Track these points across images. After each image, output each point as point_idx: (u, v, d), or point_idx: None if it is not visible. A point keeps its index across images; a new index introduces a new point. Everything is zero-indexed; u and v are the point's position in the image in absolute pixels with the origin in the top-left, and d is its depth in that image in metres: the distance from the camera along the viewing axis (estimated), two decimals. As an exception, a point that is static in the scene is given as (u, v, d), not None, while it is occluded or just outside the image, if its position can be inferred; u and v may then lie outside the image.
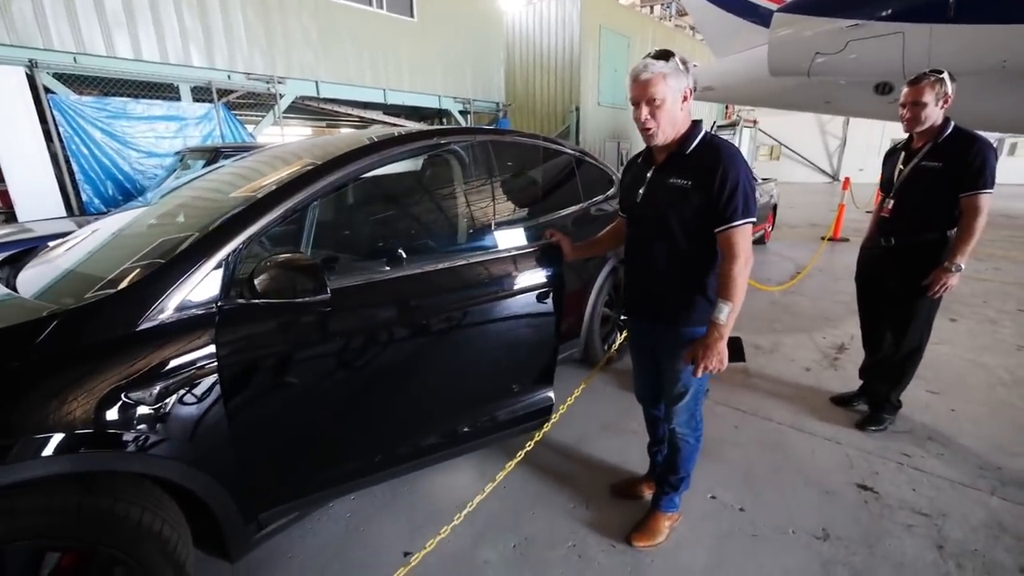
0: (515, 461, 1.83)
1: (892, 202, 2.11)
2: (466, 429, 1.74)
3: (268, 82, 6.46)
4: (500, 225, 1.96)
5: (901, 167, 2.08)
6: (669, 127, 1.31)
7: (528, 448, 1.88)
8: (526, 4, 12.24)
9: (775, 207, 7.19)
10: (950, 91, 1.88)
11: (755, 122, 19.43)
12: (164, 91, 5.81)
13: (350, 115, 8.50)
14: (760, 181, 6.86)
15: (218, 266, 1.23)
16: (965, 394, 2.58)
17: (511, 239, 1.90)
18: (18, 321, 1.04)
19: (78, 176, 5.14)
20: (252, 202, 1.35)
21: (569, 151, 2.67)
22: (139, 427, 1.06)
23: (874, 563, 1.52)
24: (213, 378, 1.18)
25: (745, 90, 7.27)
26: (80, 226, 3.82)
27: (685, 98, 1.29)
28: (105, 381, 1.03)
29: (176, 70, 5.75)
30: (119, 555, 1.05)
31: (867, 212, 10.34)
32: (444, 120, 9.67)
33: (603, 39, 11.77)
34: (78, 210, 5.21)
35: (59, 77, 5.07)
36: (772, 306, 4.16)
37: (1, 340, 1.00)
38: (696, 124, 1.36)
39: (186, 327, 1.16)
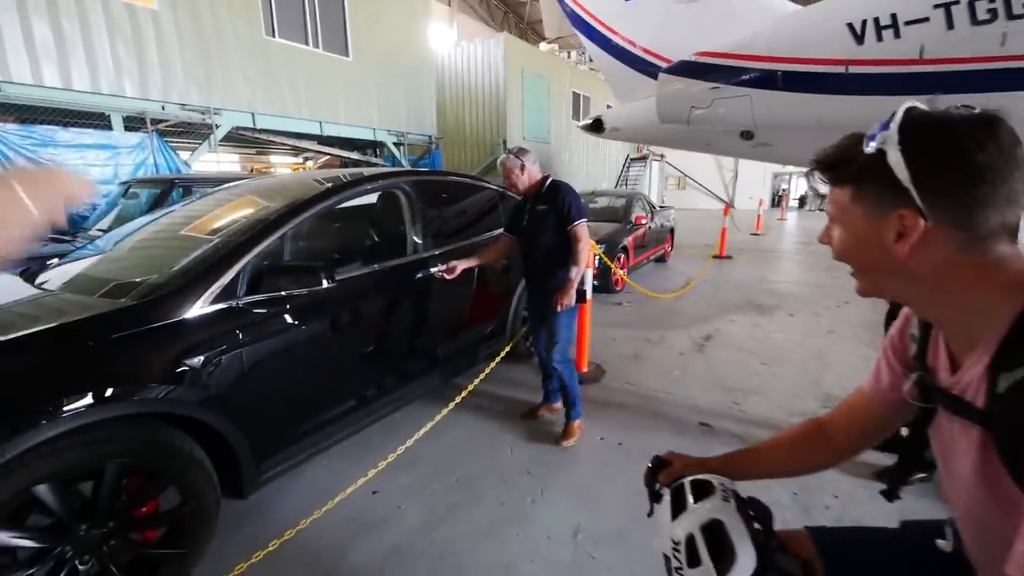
0: (446, 409, 2.40)
1: None
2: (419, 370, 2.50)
3: (204, 113, 6.63)
4: (435, 241, 2.60)
5: None
6: (520, 186, 2.42)
7: (456, 401, 2.46)
8: (454, 46, 13.20)
9: (672, 230, 8.44)
10: None
11: (662, 156, 21.79)
12: (94, 119, 5.81)
13: (284, 144, 8.73)
14: (659, 208, 8.08)
15: (238, 273, 1.72)
16: (785, 364, 3.53)
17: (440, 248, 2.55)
18: (106, 310, 1.47)
19: None
20: (256, 229, 1.86)
21: (494, 188, 3.36)
22: (191, 384, 1.52)
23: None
24: (236, 352, 1.66)
25: (644, 132, 8.51)
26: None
27: (522, 168, 2.37)
28: (167, 352, 1.49)
29: (107, 100, 5.79)
30: (175, 475, 1.49)
31: (751, 234, 12.21)
32: (378, 151, 10.14)
33: (526, 80, 12.97)
34: (-4, 238, 5.05)
35: (-21, 104, 4.98)
36: (663, 311, 5.09)
37: (99, 322, 1.44)
38: (545, 178, 2.43)
39: (216, 316, 1.64)
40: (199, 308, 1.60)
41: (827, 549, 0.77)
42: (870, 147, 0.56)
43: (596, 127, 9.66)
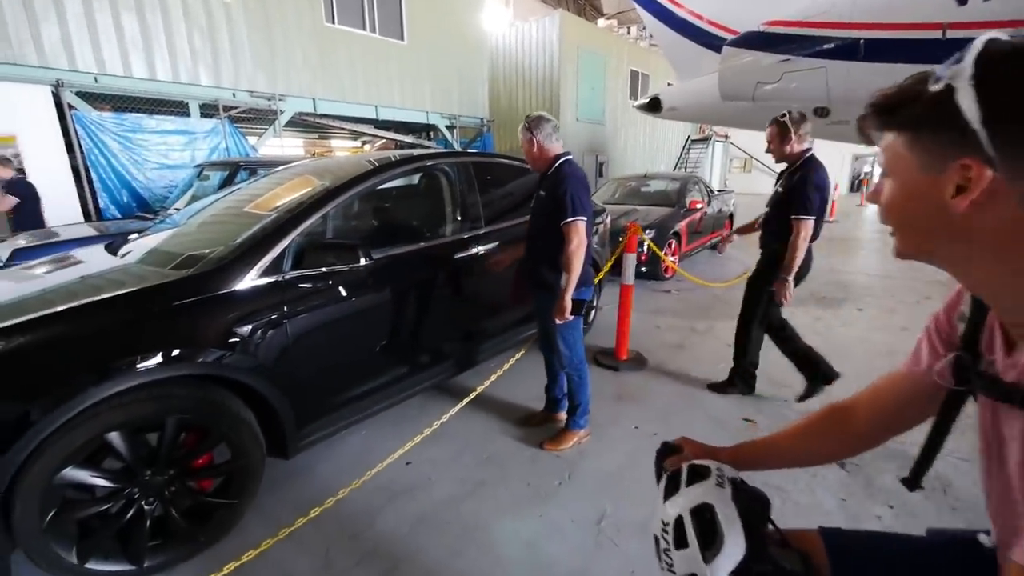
0: (481, 387, 2.44)
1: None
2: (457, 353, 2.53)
3: (270, 99, 7.02)
4: (477, 222, 2.62)
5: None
6: (530, 161, 2.14)
7: (491, 380, 2.49)
8: (509, 26, 13.03)
9: (731, 216, 7.97)
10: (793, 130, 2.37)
11: (727, 137, 20.48)
12: (174, 107, 6.33)
13: (343, 129, 9.08)
14: (716, 193, 7.64)
15: (284, 249, 1.82)
16: (845, 361, 3.24)
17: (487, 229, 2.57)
18: (168, 280, 1.62)
19: (96, 185, 5.62)
20: (300, 209, 1.95)
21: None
22: (240, 351, 1.64)
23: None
24: (282, 324, 1.76)
25: (704, 111, 8.03)
26: (98, 231, 4.32)
27: (531, 142, 2.06)
28: (220, 320, 1.62)
29: (186, 88, 6.28)
30: (226, 432, 1.63)
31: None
32: (431, 134, 10.31)
33: (581, 59, 12.59)
34: (95, 216, 5.68)
35: (81, 95, 5.57)
36: (715, 300, 4.84)
37: (163, 290, 1.58)
38: (558, 157, 2.07)
39: (264, 288, 1.75)
40: (249, 281, 1.72)
41: (838, 552, 0.71)
42: (937, 84, 0.48)
43: (653, 107, 9.23)
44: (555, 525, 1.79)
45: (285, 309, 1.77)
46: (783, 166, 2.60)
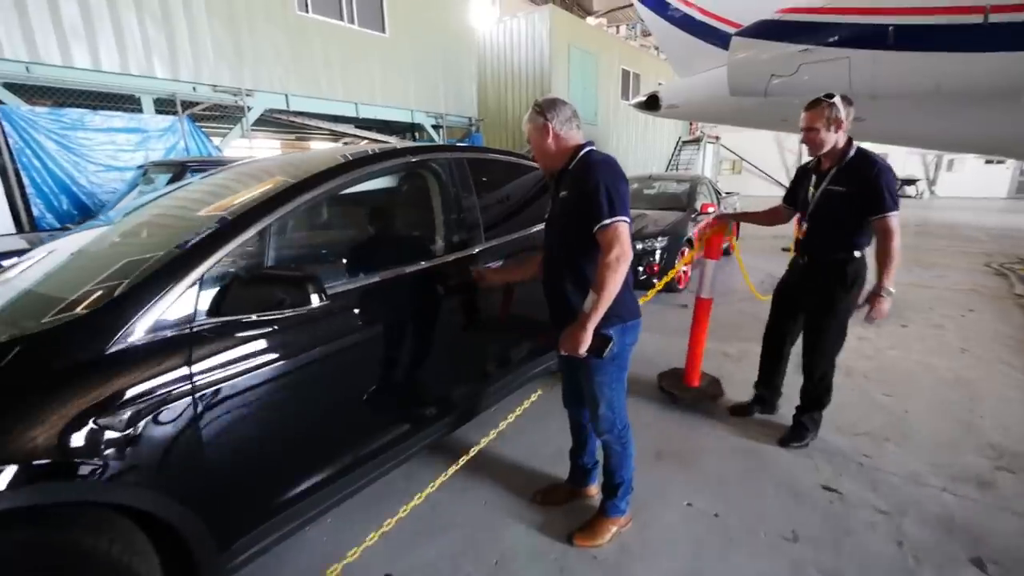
0: (476, 449, 1.84)
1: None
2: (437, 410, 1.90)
3: (236, 95, 6.33)
4: (473, 237, 2.01)
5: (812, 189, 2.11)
6: (541, 157, 1.54)
7: (491, 437, 1.89)
8: (497, 22, 12.49)
9: (739, 219, 7.50)
10: (843, 116, 1.90)
11: (717, 138, 20.24)
12: (124, 102, 5.61)
13: (320, 128, 8.40)
14: (724, 195, 7.17)
15: (193, 285, 1.20)
16: (916, 395, 2.74)
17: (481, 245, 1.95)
18: (-21, 346, 0.99)
19: (29, 190, 4.87)
20: (220, 225, 1.33)
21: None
22: (107, 454, 1.02)
23: (841, 561, 1.59)
24: (187, 401, 1.15)
25: (707, 108, 7.59)
26: (31, 243, 3.64)
27: (545, 130, 1.47)
28: (71, 408, 0.99)
29: (137, 81, 5.56)
30: (87, 590, 1.00)
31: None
32: (416, 135, 9.68)
33: (572, 57, 12.09)
34: (29, 226, 4.94)
35: (9, 87, 4.83)
36: (738, 314, 4.31)
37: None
38: (579, 148, 1.50)
39: (158, 349, 1.13)
40: (131, 337, 1.10)
41: None
42: None
43: (651, 104, 8.75)
44: None
45: (194, 377, 1.16)
46: (792, 165, 2.11)
